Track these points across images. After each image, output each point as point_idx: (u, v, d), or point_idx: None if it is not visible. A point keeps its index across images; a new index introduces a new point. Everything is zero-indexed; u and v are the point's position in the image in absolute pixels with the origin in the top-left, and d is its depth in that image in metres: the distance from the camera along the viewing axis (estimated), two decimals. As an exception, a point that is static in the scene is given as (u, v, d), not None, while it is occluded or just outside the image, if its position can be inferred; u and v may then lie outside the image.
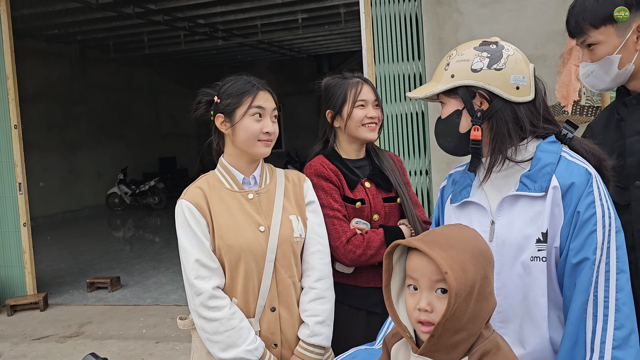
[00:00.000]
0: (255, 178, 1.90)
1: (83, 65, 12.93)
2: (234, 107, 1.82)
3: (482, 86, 1.40)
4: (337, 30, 11.59)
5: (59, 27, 10.36)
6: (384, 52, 4.76)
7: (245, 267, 1.78)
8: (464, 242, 1.13)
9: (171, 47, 12.56)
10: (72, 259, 8.05)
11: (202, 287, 1.74)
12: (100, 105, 13.38)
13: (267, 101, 1.85)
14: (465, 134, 1.44)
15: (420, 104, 4.72)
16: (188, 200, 1.80)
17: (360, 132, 2.10)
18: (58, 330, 5.03)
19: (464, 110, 1.44)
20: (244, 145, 1.83)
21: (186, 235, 1.77)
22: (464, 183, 1.53)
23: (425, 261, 1.11)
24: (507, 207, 1.42)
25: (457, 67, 1.43)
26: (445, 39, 4.41)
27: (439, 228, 1.20)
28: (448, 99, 1.47)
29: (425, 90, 1.48)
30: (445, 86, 1.44)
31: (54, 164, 12.10)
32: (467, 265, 1.09)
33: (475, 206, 1.48)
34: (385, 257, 1.20)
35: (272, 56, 15.69)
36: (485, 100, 1.42)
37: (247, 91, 1.83)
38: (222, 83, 1.91)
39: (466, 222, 1.47)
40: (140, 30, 10.80)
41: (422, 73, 4.68)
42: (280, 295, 1.83)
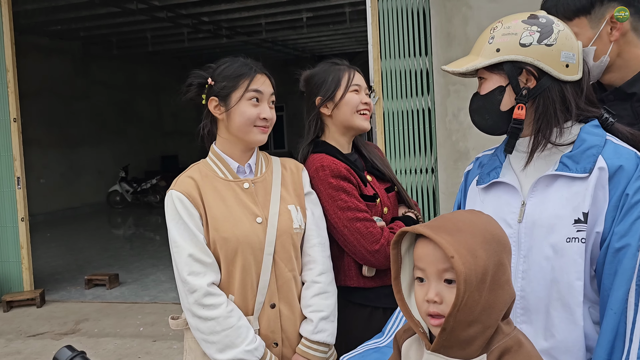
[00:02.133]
0: (251, 166, 1.79)
1: (85, 62, 12.87)
2: (229, 91, 1.71)
3: (531, 62, 1.32)
4: (341, 30, 11.53)
5: (61, 23, 10.30)
6: (390, 48, 4.66)
7: (242, 261, 1.67)
8: (474, 226, 1.04)
9: (174, 45, 12.50)
10: (70, 255, 7.96)
11: (196, 284, 1.62)
12: (102, 102, 13.31)
13: (265, 85, 1.74)
14: (506, 113, 1.36)
15: (426, 100, 4.62)
16: (179, 191, 1.68)
17: (354, 120, 1.95)
18: (54, 327, 4.94)
19: (507, 87, 1.36)
20: (239, 132, 1.72)
21: (178, 229, 1.65)
22: (493, 165, 1.45)
23: (431, 248, 1.02)
24: (541, 188, 1.34)
25: (503, 40, 1.35)
26: (454, 33, 4.31)
27: (448, 214, 1.12)
28: (490, 75, 1.38)
29: (465, 64, 1.38)
30: (489, 60, 1.35)
31: (55, 161, 12.04)
32: (477, 250, 1.00)
33: (505, 187, 1.40)
34: (392, 247, 1.10)
35: (276, 55, 15.61)
36: (533, 77, 1.34)
37: (243, 74, 1.72)
38: (216, 65, 1.79)
39: (493, 204, 1.40)
40: (143, 27, 10.73)
41: (429, 69, 4.58)
42: (280, 290, 1.72)
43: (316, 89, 2.00)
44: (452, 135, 4.42)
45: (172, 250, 1.68)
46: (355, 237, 1.84)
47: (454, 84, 4.37)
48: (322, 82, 1.99)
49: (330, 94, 1.97)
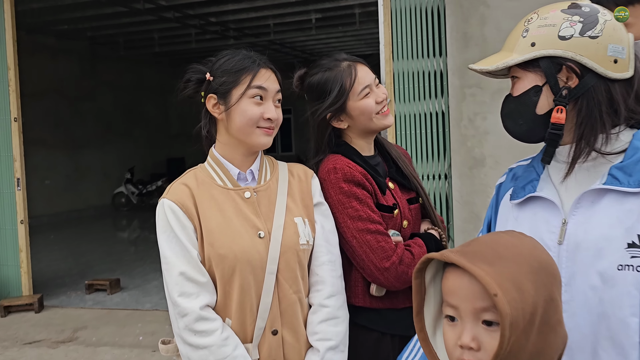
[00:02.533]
0: (253, 173, 1.60)
1: (92, 63, 12.76)
2: (229, 87, 1.52)
3: (572, 57, 1.13)
4: (351, 31, 11.36)
5: (68, 22, 10.19)
6: (403, 48, 4.48)
7: (241, 280, 1.47)
8: (518, 252, 0.86)
9: (182, 46, 12.37)
10: (72, 259, 7.81)
11: (187, 307, 1.43)
12: (108, 104, 13.20)
13: (270, 81, 1.55)
14: (543, 116, 1.18)
15: (440, 103, 4.42)
16: (171, 200, 1.50)
17: (376, 123, 1.73)
18: (51, 334, 4.77)
19: (544, 86, 1.17)
20: (241, 133, 1.53)
21: (169, 243, 1.47)
22: (529, 177, 1.26)
23: (466, 281, 0.83)
24: (587, 204, 1.15)
25: (539, 33, 1.16)
26: (471, 33, 4.12)
27: (484, 236, 0.93)
28: (524, 73, 1.19)
29: (495, 61, 1.20)
30: (523, 57, 1.17)
31: (60, 162, 11.93)
32: (523, 284, 0.81)
33: (543, 202, 1.21)
34: (414, 276, 0.92)
35: (284, 58, 15.46)
36: (575, 75, 1.15)
37: (245, 68, 1.53)
38: (215, 58, 1.60)
39: (528, 222, 1.22)
40: (150, 28, 10.62)
41: (443, 70, 4.38)
42: (283, 314, 1.52)
43: (320, 103, 1.74)
44: (468, 141, 4.22)
45: (162, 267, 1.50)
46: (364, 250, 1.64)
47: (470, 87, 4.18)
48: (325, 93, 1.73)
49: (339, 108, 1.72)
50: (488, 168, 4.20)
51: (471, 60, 4.17)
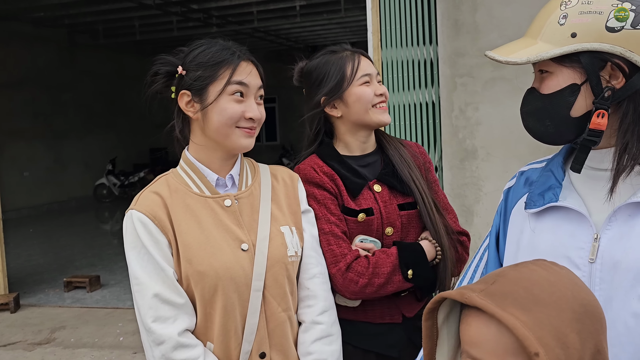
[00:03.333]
0: (233, 178, 1.43)
1: (71, 51, 12.42)
2: (206, 83, 1.34)
3: (620, 54, 0.97)
4: (336, 19, 11.15)
5: (44, 9, 9.86)
6: (392, 36, 4.31)
7: (223, 300, 1.31)
8: (558, 293, 0.69)
9: (163, 34, 12.06)
10: (52, 254, 7.58)
11: (163, 334, 1.26)
12: (89, 93, 12.89)
13: (252, 76, 1.38)
14: (578, 120, 1.02)
15: (431, 93, 4.27)
16: (141, 211, 1.31)
17: (371, 116, 1.62)
18: (27, 335, 4.58)
19: (583, 85, 1.01)
20: (219, 135, 1.35)
21: (140, 261, 1.29)
22: (547, 183, 1.10)
23: (494, 330, 0.67)
24: (623, 218, 1.00)
25: (581, 21, 0.99)
26: (462, 20, 3.96)
27: (511, 271, 0.75)
28: (558, 68, 1.02)
29: (526, 53, 1.02)
30: (561, 49, 0.99)
31: (40, 154, 11.63)
32: (568, 336, 0.66)
33: (567, 213, 1.06)
34: (425, 316, 0.76)
35: (268, 46, 15.20)
36: (622, 74, 0.99)
37: (224, 60, 1.35)
38: (189, 49, 1.41)
39: (550, 235, 1.06)
40: (130, 15, 10.32)
41: (433, 58, 4.23)
42: (272, 335, 1.37)
43: (317, 86, 1.66)
44: (459, 133, 4.08)
45: (132, 288, 1.32)
46: None
47: (461, 77, 4.03)
48: (323, 78, 1.65)
49: (335, 92, 1.63)
50: (480, 160, 4.07)
51: (463, 48, 4.02)
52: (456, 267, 1.66)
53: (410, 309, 1.65)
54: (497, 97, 3.95)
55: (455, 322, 0.77)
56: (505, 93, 3.92)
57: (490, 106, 3.99)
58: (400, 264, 1.55)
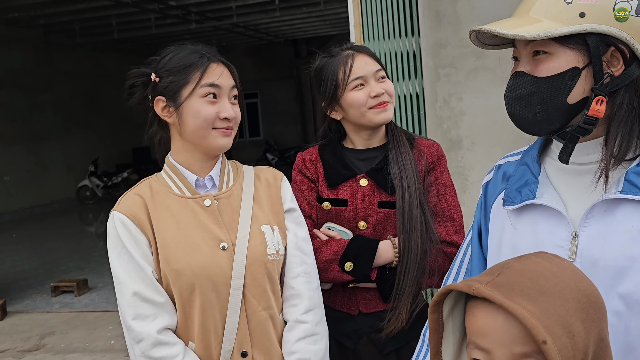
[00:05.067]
0: (213, 179, 1.45)
1: (48, 51, 12.24)
2: (178, 86, 1.37)
3: (626, 40, 0.93)
4: (315, 12, 11.14)
5: (18, 9, 9.70)
6: (374, 28, 4.31)
7: (202, 299, 1.33)
8: (562, 284, 0.71)
9: (141, 32, 11.95)
10: (37, 258, 7.49)
11: (143, 331, 1.28)
12: (67, 94, 12.73)
13: (223, 77, 1.40)
14: (573, 107, 0.98)
15: (414, 85, 4.28)
16: (122, 212, 1.35)
17: (368, 118, 1.64)
18: (16, 343, 4.53)
19: (585, 69, 0.96)
20: (195, 136, 1.38)
21: (120, 260, 1.32)
22: (523, 178, 1.07)
23: (501, 321, 0.69)
24: (599, 214, 0.98)
25: (590, 2, 0.94)
26: (443, 11, 3.97)
27: (514, 262, 0.76)
28: (560, 49, 0.96)
29: (529, 28, 0.96)
30: (570, 28, 0.94)
31: (19, 156, 11.47)
32: (574, 325, 0.68)
33: (545, 210, 1.03)
34: (430, 310, 0.77)
35: (248, 41, 15.13)
36: (623, 61, 0.95)
37: (193, 64, 1.37)
38: (160, 56, 1.45)
39: (529, 232, 1.04)
40: (107, 13, 10.21)
41: (415, 50, 4.24)
42: (253, 334, 1.38)
43: (318, 91, 1.73)
44: (443, 123, 4.10)
45: (115, 287, 1.35)
46: None
47: (444, 67, 4.04)
48: (321, 84, 1.71)
49: (332, 99, 1.68)
50: (465, 150, 4.09)
51: (444, 40, 4.03)
52: (433, 276, 1.61)
53: (368, 306, 1.68)
54: (480, 87, 3.98)
55: (460, 314, 0.78)
56: (488, 82, 3.94)
57: (473, 96, 4.01)
58: (346, 254, 1.59)
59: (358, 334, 1.69)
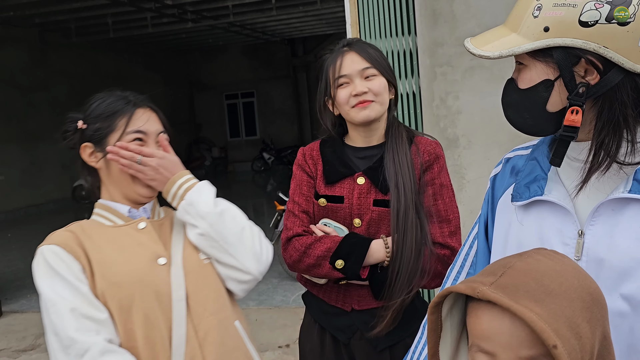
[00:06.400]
0: (146, 209, 1.43)
1: (43, 51, 12.19)
2: (105, 133, 1.37)
3: (594, 50, 0.93)
4: (312, 11, 11.12)
5: (14, 8, 9.65)
6: (370, 27, 4.30)
7: (143, 310, 1.26)
8: (567, 284, 0.70)
9: (138, 31, 11.91)
10: (33, 258, 7.42)
11: (88, 341, 1.17)
12: (63, 93, 12.66)
13: (150, 122, 1.39)
14: (556, 115, 1.00)
15: (411, 83, 4.28)
16: (51, 244, 1.28)
17: (350, 117, 1.68)
18: (11, 343, 4.51)
19: (557, 81, 0.98)
20: (123, 184, 1.38)
21: (52, 285, 1.23)
22: (532, 173, 1.08)
23: (507, 324, 0.67)
24: (607, 214, 0.97)
25: (554, 14, 0.94)
26: (440, 10, 3.97)
27: (517, 261, 0.74)
28: (532, 61, 1.00)
29: (498, 46, 0.99)
30: (532, 44, 0.96)
31: (15, 156, 11.42)
32: (581, 326, 0.67)
33: (553, 208, 1.03)
34: (430, 311, 0.76)
35: (245, 40, 15.11)
36: (596, 70, 0.95)
37: (119, 110, 1.37)
38: (88, 103, 1.45)
39: (536, 229, 1.04)
40: (103, 12, 10.16)
41: (412, 49, 4.23)
42: (204, 344, 1.30)
43: (319, 86, 1.79)
44: (440, 122, 4.10)
45: (45, 316, 1.24)
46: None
47: (441, 66, 4.04)
48: (319, 81, 1.77)
49: (326, 96, 1.74)
50: (462, 148, 4.09)
51: (441, 38, 4.03)
52: (426, 278, 1.60)
53: (361, 303, 1.69)
54: (477, 86, 3.98)
55: (458, 313, 0.77)
56: (485, 81, 3.94)
57: (470, 94, 4.01)
58: (338, 251, 1.60)
59: (352, 329, 1.70)
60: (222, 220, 1.36)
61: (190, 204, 1.36)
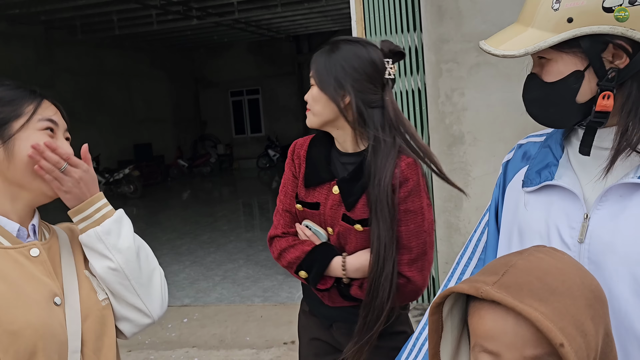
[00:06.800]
0: (35, 227, 1.20)
1: (49, 48, 12.22)
2: (7, 118, 1.15)
3: (622, 34, 0.93)
4: (317, 8, 11.10)
5: (19, 6, 9.68)
6: (376, 24, 4.30)
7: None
8: (569, 281, 0.69)
9: (143, 28, 11.93)
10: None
11: None
12: (69, 91, 12.70)
13: (57, 116, 1.22)
14: (584, 105, 0.99)
15: (417, 80, 4.27)
16: None
17: None
18: None
19: (587, 70, 0.97)
20: (25, 176, 1.15)
21: None
22: (544, 160, 1.09)
23: (511, 323, 0.67)
24: (614, 199, 0.98)
25: (576, 5, 0.94)
26: (445, 6, 3.96)
27: (518, 259, 0.73)
28: (558, 55, 0.98)
29: (518, 43, 0.99)
30: (559, 37, 0.95)
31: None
32: (585, 324, 0.66)
33: (561, 191, 1.05)
34: (431, 311, 0.76)
35: (250, 37, 15.11)
36: (625, 54, 0.95)
37: (25, 97, 1.19)
38: None
39: (542, 212, 1.05)
40: (109, 9, 10.18)
41: (418, 45, 4.23)
42: None
43: None
44: (446, 119, 4.09)
45: None
46: None
47: (446, 62, 4.03)
48: None
49: None
50: (467, 145, 4.09)
51: (447, 35, 4.02)
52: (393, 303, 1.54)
53: (335, 302, 1.68)
54: (483, 82, 3.97)
55: (459, 313, 0.77)
56: (490, 78, 3.93)
57: (475, 91, 4.00)
58: (305, 261, 1.63)
59: (332, 318, 1.74)
60: (138, 258, 1.22)
61: (107, 233, 1.19)
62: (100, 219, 1.21)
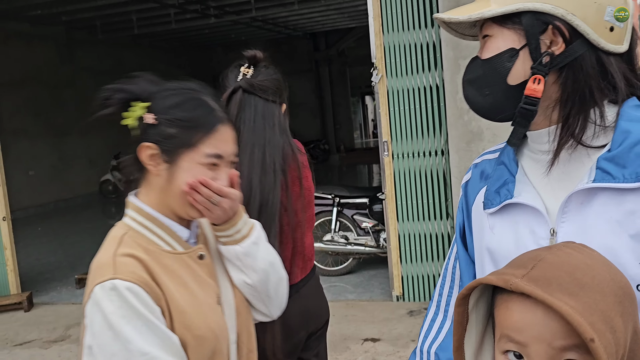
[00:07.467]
0: (195, 230, 1.27)
1: (70, 48, 12.40)
2: (177, 145, 1.15)
3: (562, 16, 0.91)
4: (334, 5, 11.10)
5: (41, 7, 9.83)
6: (393, 20, 4.28)
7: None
8: (599, 277, 0.68)
9: (161, 27, 12.04)
10: (62, 251, 7.63)
11: None
12: (89, 89, 12.73)
13: (229, 143, 1.20)
14: (515, 88, 0.94)
15: (434, 76, 4.25)
16: (128, 280, 1.08)
17: None
18: (42, 334, 4.62)
19: (522, 50, 0.94)
20: (178, 201, 1.17)
21: (135, 327, 1.05)
22: (501, 177, 1.03)
23: (540, 316, 0.66)
24: (576, 209, 0.93)
25: None
26: (463, 1, 3.93)
27: (547, 254, 0.72)
28: (499, 30, 0.95)
29: (467, 11, 0.95)
30: (502, 8, 0.93)
31: (44, 152, 11.66)
32: (614, 320, 0.65)
33: (524, 209, 0.99)
34: (457, 303, 0.75)
35: (267, 34, 15.14)
36: (562, 39, 0.92)
37: (201, 124, 1.17)
38: (156, 87, 1.22)
39: (509, 233, 1.00)
40: (128, 9, 10.29)
41: (436, 41, 4.20)
42: None
43: None
44: (464, 115, 4.06)
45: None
46: None
47: (465, 58, 4.00)
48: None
49: None
50: (486, 142, 4.06)
51: (465, 30, 4.00)
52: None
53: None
54: (502, 78, 3.94)
55: (484, 306, 0.77)
56: (510, 73, 3.91)
57: (494, 87, 3.97)
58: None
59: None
60: (270, 276, 1.29)
61: (247, 255, 1.25)
62: (239, 239, 1.25)
